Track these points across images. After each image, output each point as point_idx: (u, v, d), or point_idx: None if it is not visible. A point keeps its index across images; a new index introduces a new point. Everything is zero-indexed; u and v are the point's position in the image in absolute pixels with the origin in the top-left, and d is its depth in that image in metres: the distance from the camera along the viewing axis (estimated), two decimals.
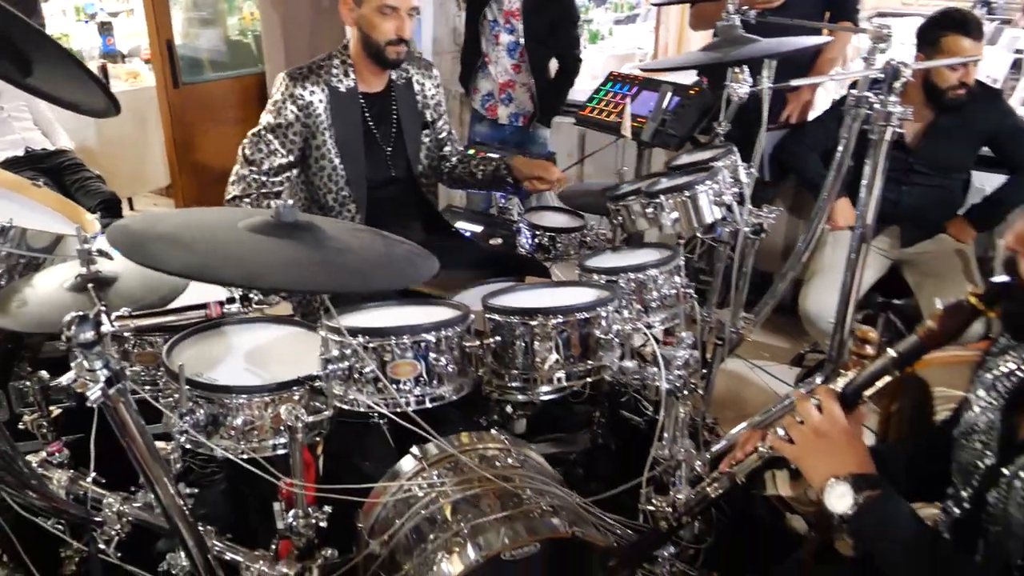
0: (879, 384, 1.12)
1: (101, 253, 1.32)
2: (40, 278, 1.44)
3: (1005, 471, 1.04)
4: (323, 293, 1.42)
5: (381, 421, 2.29)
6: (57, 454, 1.79)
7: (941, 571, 1.00)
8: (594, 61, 5.20)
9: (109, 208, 3.35)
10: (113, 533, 1.64)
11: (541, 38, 3.49)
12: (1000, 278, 1.01)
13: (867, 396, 1.13)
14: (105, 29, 4.69)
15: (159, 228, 1.13)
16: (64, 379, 1.09)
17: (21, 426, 1.81)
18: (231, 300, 1.15)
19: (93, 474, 1.66)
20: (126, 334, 1.68)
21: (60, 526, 1.70)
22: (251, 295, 1.16)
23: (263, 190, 2.27)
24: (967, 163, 2.83)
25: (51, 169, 3.47)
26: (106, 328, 1.06)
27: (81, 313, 1.05)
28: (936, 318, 1.06)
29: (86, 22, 5.22)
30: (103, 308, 1.05)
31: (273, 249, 1.12)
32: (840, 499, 1.06)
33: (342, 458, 2.01)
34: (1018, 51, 6.39)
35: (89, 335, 1.06)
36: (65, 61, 1.31)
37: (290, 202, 1.17)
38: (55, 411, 1.82)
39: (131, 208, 4.56)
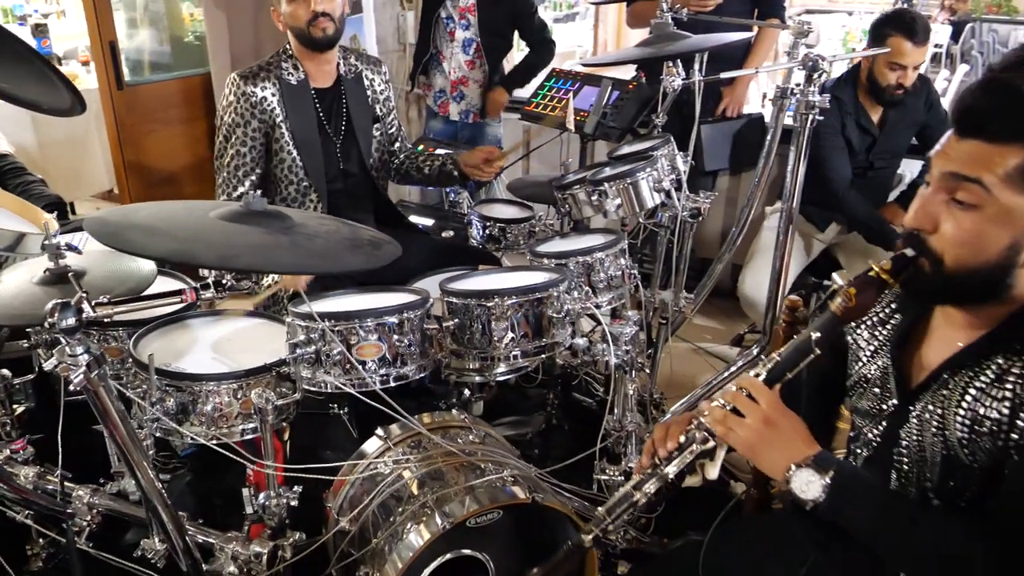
0: (803, 364, 1.16)
1: (70, 247, 1.36)
2: (7, 275, 1.47)
3: (912, 408, 1.16)
4: (296, 274, 1.48)
5: (342, 412, 2.37)
6: (22, 451, 1.82)
7: (910, 523, 1.06)
8: None
9: (56, 211, 3.30)
10: (84, 524, 1.68)
11: (498, 31, 3.57)
12: (906, 251, 1.10)
13: (790, 375, 1.18)
14: (40, 31, 4.59)
15: (134, 219, 1.18)
16: (47, 364, 1.13)
17: None
18: (205, 286, 1.21)
19: (61, 470, 1.69)
20: (91, 329, 1.72)
21: (29, 520, 1.72)
22: (223, 281, 1.22)
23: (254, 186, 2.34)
24: (904, 152, 3.02)
25: None
26: (88, 314, 1.11)
27: (63, 300, 1.10)
28: (848, 294, 1.12)
29: (20, 24, 5.10)
30: (85, 295, 1.10)
31: (246, 235, 1.19)
32: (809, 485, 1.08)
33: (306, 449, 2.07)
34: (937, 45, 6.77)
35: (71, 321, 1.11)
36: (29, 60, 1.35)
37: (259, 192, 1.24)
38: (18, 409, 1.83)
39: (73, 213, 4.49)
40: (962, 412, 1.08)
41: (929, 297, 1.15)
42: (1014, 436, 1.03)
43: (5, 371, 1.82)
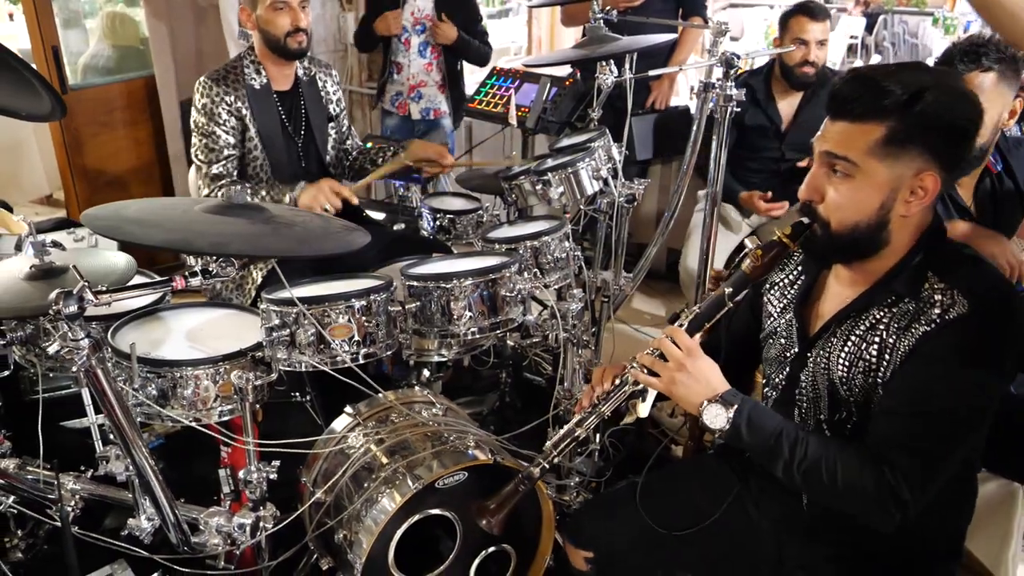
0: (719, 315, 1.38)
1: (55, 244, 1.45)
2: None
3: (809, 355, 1.38)
4: (279, 257, 1.59)
5: (305, 400, 2.48)
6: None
7: (792, 446, 1.27)
8: None
9: None
10: (68, 510, 1.77)
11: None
12: (803, 220, 1.32)
13: (708, 326, 1.39)
14: None
15: (125, 214, 1.29)
16: (51, 348, 1.23)
17: None
18: (193, 274, 1.33)
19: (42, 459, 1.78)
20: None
21: (14, 508, 1.80)
22: (210, 268, 1.34)
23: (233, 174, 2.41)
24: None
25: None
26: (89, 300, 1.22)
27: (66, 289, 1.21)
28: (756, 255, 1.35)
29: None
30: (87, 283, 1.21)
31: (231, 225, 1.31)
32: (716, 417, 1.28)
33: (273, 437, 2.18)
34: (852, 36, 7.16)
35: (73, 308, 1.22)
36: (12, 66, 1.43)
37: (240, 187, 1.36)
38: None
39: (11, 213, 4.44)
40: (844, 356, 1.31)
41: (822, 255, 1.37)
42: (880, 373, 1.26)
43: None
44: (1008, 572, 1.90)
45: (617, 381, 1.45)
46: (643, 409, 1.41)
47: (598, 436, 2.24)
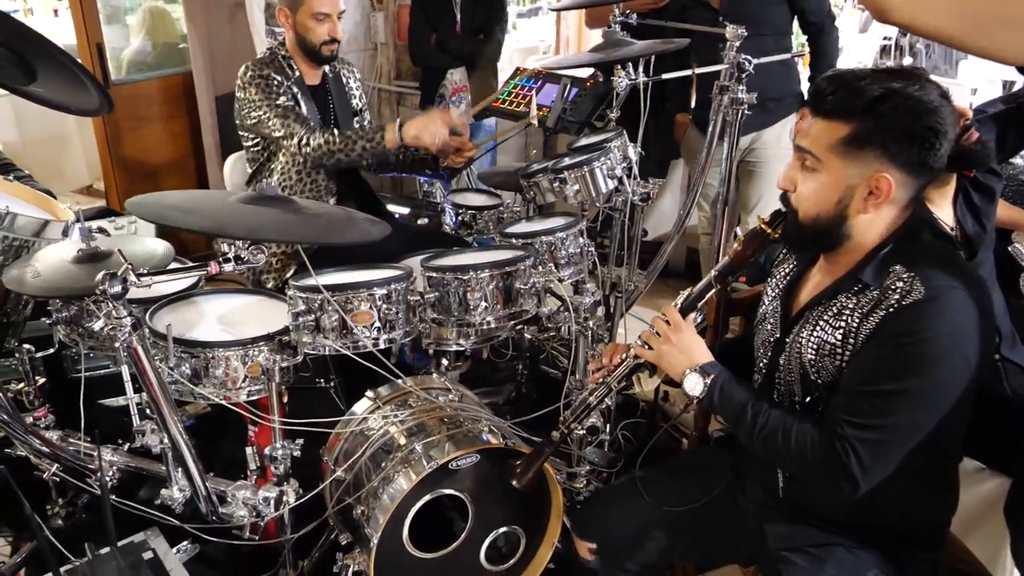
0: (707, 296, 1.52)
1: (101, 231, 1.57)
2: (43, 255, 1.67)
3: (786, 340, 1.46)
4: (307, 242, 1.69)
5: (329, 386, 2.59)
6: (43, 418, 2.02)
7: (755, 416, 1.38)
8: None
9: None
10: (106, 478, 1.89)
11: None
12: (781, 208, 1.41)
13: (700, 306, 1.53)
14: None
15: (166, 202, 1.40)
16: (95, 325, 1.34)
17: (9, 395, 2.02)
18: (227, 260, 1.43)
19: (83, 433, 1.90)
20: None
21: (56, 477, 1.92)
22: (241, 255, 1.44)
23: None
24: None
25: None
26: (132, 281, 1.33)
27: (111, 271, 1.32)
28: (740, 243, 1.46)
29: None
30: (130, 265, 1.32)
31: (264, 214, 1.41)
32: (695, 385, 1.43)
33: (297, 418, 2.29)
34: (886, 38, 7.12)
35: (118, 288, 1.33)
36: (64, 65, 1.54)
37: (271, 180, 1.46)
38: (40, 381, 2.03)
39: None
40: (812, 340, 1.39)
41: (793, 242, 1.47)
42: (843, 357, 1.34)
43: (28, 346, 2.02)
44: (1006, 570, 1.94)
45: (623, 356, 1.59)
46: (646, 382, 1.54)
47: (609, 427, 2.31)
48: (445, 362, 2.32)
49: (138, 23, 4.09)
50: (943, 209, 1.86)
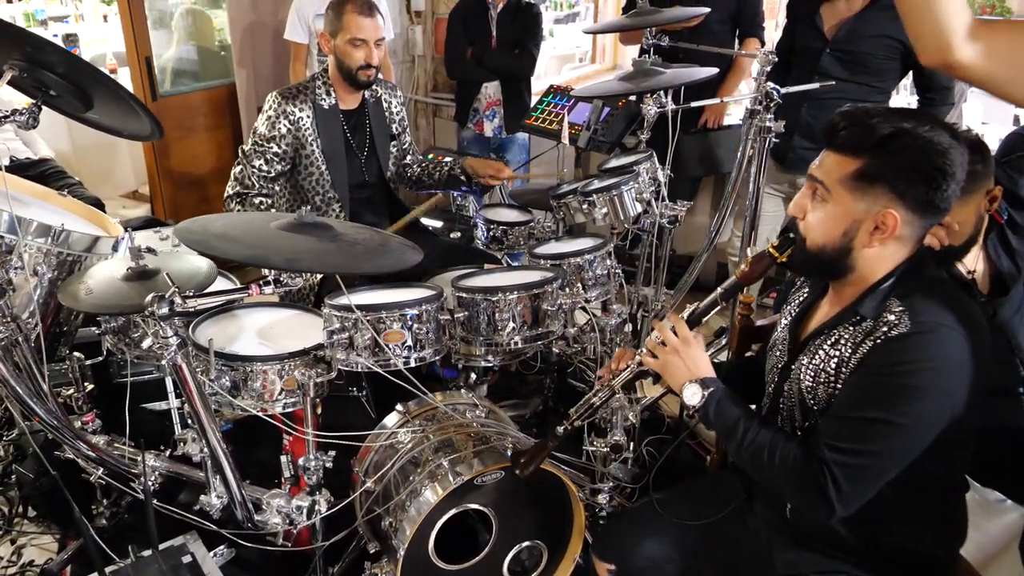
0: (713, 311, 1.57)
1: (149, 250, 1.65)
2: (95, 272, 1.76)
3: (792, 366, 1.50)
4: (343, 272, 1.76)
5: (360, 395, 2.66)
6: (91, 423, 2.12)
7: (743, 432, 1.42)
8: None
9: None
10: (149, 484, 1.98)
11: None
12: (790, 234, 1.43)
13: (705, 320, 1.57)
14: (70, 40, 4.90)
15: (212, 229, 1.48)
16: (144, 344, 1.42)
17: (60, 400, 2.12)
18: (267, 283, 1.50)
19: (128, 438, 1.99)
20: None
21: (102, 480, 2.01)
22: (281, 278, 1.51)
23: (262, 192, 2.61)
24: None
25: (35, 177, 3.65)
26: (178, 304, 1.40)
27: (159, 294, 1.40)
28: (748, 263, 1.50)
29: (41, 27, 5.37)
30: (177, 288, 1.40)
31: (302, 242, 1.48)
32: (693, 396, 1.47)
33: (331, 428, 2.36)
34: None
35: (165, 310, 1.41)
36: (119, 95, 1.65)
37: (309, 208, 1.53)
38: (89, 387, 2.13)
39: (103, 211, 4.79)
40: (811, 368, 1.43)
41: (799, 268, 1.49)
42: (837, 385, 1.38)
43: (78, 354, 2.12)
44: None
45: (629, 362, 1.65)
46: (650, 389, 1.58)
47: (632, 444, 2.34)
48: (474, 376, 2.38)
49: (179, 27, 4.19)
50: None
